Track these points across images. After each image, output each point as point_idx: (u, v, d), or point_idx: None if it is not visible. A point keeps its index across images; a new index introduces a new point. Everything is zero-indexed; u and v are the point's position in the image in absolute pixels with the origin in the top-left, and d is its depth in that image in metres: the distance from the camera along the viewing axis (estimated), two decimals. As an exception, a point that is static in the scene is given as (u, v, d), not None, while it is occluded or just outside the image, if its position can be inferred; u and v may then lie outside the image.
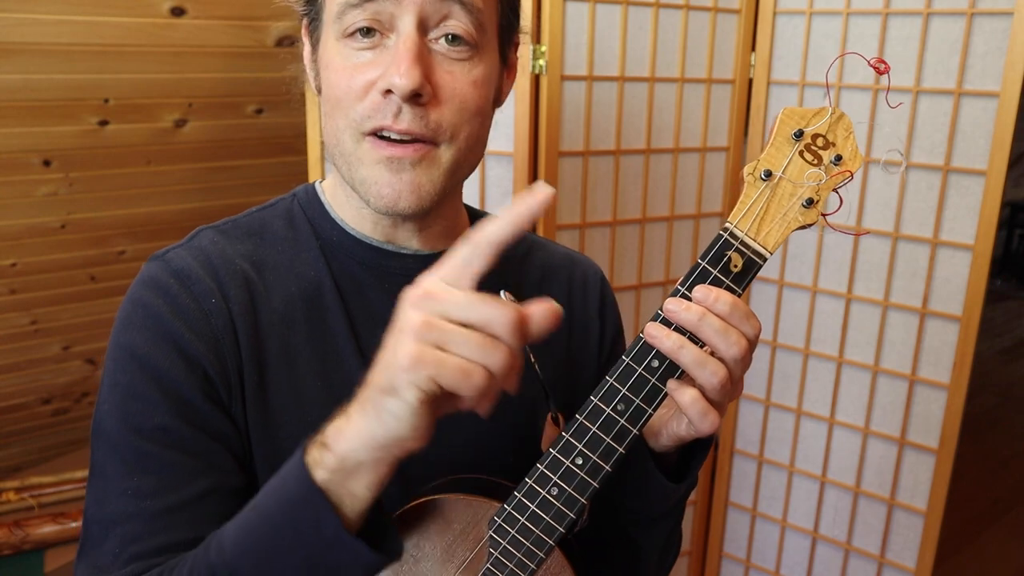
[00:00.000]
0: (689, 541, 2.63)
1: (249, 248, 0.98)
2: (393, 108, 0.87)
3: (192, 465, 0.87)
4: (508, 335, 0.65)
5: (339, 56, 0.89)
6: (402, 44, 0.86)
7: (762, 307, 2.41)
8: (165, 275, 0.92)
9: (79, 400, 3.33)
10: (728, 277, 0.84)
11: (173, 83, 2.70)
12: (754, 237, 0.84)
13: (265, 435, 0.92)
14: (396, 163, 0.89)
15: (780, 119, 0.85)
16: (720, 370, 0.82)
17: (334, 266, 0.99)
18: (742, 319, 0.83)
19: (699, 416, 0.83)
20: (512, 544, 0.86)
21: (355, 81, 0.88)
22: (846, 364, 2.30)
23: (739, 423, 2.54)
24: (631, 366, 0.84)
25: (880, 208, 2.16)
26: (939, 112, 2.03)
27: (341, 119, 0.90)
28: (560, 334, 1.10)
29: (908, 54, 2.04)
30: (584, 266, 1.18)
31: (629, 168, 2.17)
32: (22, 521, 3.03)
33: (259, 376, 0.92)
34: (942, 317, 2.12)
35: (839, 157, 0.84)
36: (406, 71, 0.84)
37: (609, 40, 2.05)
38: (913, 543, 2.28)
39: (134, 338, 0.89)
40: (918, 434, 2.21)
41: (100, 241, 2.95)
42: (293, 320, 0.95)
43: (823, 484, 2.40)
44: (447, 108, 0.89)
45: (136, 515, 0.86)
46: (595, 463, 0.84)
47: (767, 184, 0.84)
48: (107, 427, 0.89)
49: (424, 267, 1.00)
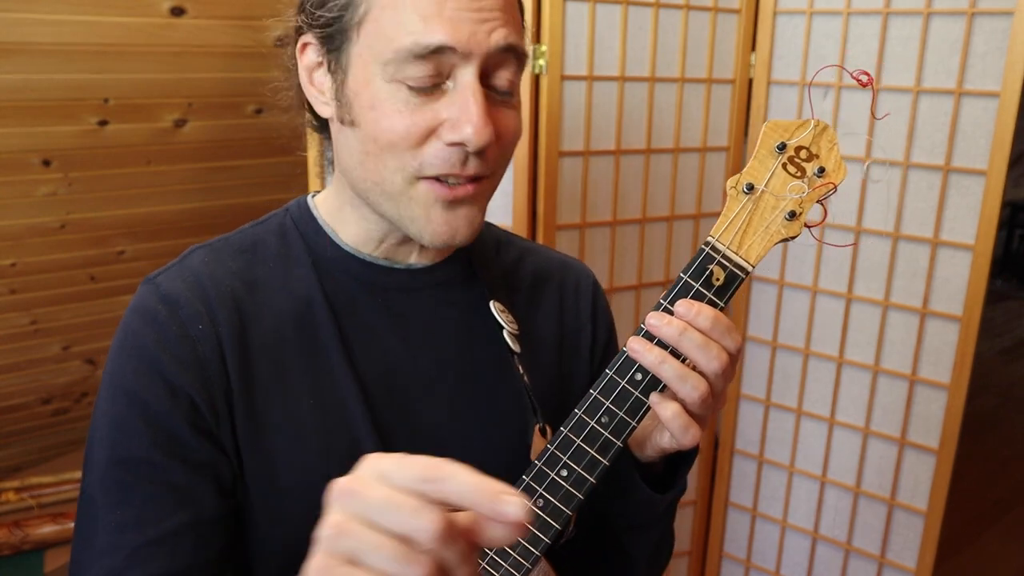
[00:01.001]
0: (689, 541, 2.63)
1: (241, 266, 0.98)
2: (459, 157, 0.87)
3: (173, 499, 0.88)
4: (436, 546, 0.50)
5: (391, 98, 0.86)
6: (472, 98, 0.85)
7: (762, 307, 2.41)
8: (154, 301, 0.92)
9: (79, 400, 3.33)
10: (710, 291, 0.85)
11: (173, 83, 2.70)
12: (736, 250, 0.85)
13: (258, 456, 0.93)
14: (455, 204, 0.90)
15: (764, 132, 0.86)
16: (701, 384, 0.83)
17: (326, 282, 0.99)
18: (723, 333, 0.83)
19: (680, 430, 0.84)
20: (499, 555, 0.87)
21: (415, 128, 0.86)
22: (846, 364, 2.30)
23: (739, 423, 2.54)
24: (614, 379, 0.85)
25: (880, 208, 2.16)
26: (939, 112, 2.03)
27: (391, 161, 0.89)
28: (551, 341, 1.12)
29: (908, 54, 2.04)
30: (576, 271, 1.18)
31: (629, 168, 2.17)
32: (22, 521, 3.03)
33: (249, 398, 0.92)
34: (942, 317, 2.12)
35: (822, 169, 0.84)
36: (480, 129, 0.84)
37: (609, 40, 2.05)
38: (913, 543, 2.28)
39: (123, 367, 0.91)
40: (918, 434, 2.21)
41: (100, 241, 2.94)
42: (284, 339, 0.95)
43: (823, 484, 2.40)
44: (501, 148, 0.91)
45: (117, 549, 0.87)
46: (580, 475, 0.85)
47: (749, 197, 0.85)
48: (95, 456, 0.91)
49: (418, 280, 1.02)
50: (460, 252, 1.07)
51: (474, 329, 1.05)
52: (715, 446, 2.59)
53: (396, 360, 0.99)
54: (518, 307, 1.09)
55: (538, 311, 1.12)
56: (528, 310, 1.10)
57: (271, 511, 0.93)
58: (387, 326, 1.00)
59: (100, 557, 0.87)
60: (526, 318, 1.09)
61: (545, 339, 1.11)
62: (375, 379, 0.97)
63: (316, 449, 0.93)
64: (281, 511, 0.93)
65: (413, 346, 1.00)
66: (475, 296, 1.06)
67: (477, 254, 1.08)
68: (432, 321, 1.02)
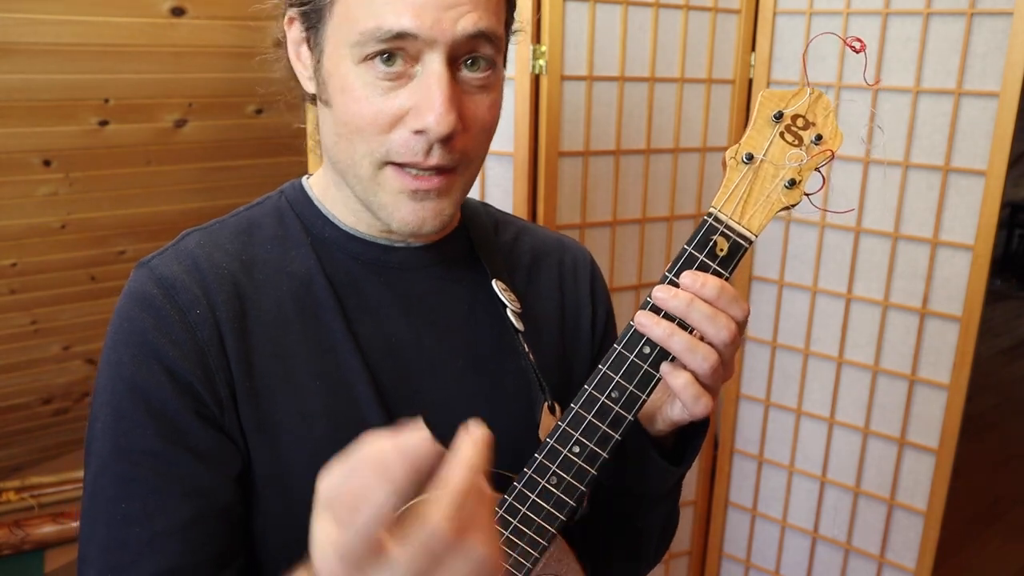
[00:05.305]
0: (689, 541, 2.63)
1: (238, 247, 0.96)
2: (423, 146, 0.86)
3: (179, 489, 0.87)
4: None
5: (359, 82, 0.86)
6: (435, 84, 0.83)
7: (762, 307, 2.41)
8: (150, 285, 0.91)
9: (79, 400, 3.34)
10: (715, 262, 0.85)
11: (173, 83, 2.71)
12: (738, 220, 0.85)
13: (263, 439, 0.91)
14: (421, 194, 0.89)
15: (760, 101, 0.85)
16: (711, 355, 0.83)
17: (325, 262, 0.98)
18: (730, 302, 0.83)
19: (692, 400, 0.84)
20: (514, 534, 0.87)
21: (381, 115, 0.85)
22: (846, 364, 2.30)
23: (739, 423, 2.54)
24: (623, 353, 0.85)
25: (880, 208, 2.16)
26: (939, 112, 2.03)
27: (360, 146, 0.88)
28: (552, 320, 1.11)
29: (908, 54, 2.04)
30: (574, 250, 1.18)
31: (629, 168, 2.18)
32: (22, 521, 3.03)
33: (250, 381, 0.91)
34: (942, 317, 2.12)
35: (819, 137, 0.85)
36: (442, 116, 0.83)
37: (609, 40, 2.05)
38: (913, 543, 2.28)
39: (121, 355, 0.89)
40: (918, 434, 2.22)
41: (100, 241, 2.95)
42: (286, 321, 0.94)
43: (823, 484, 2.41)
44: (471, 137, 0.89)
45: (124, 543, 0.86)
46: (592, 451, 0.86)
47: (749, 167, 0.85)
48: (98, 448, 0.89)
49: (421, 258, 1.01)
50: (460, 231, 1.06)
51: (478, 307, 1.04)
52: (715, 446, 2.59)
53: (401, 339, 0.98)
54: (518, 286, 1.09)
55: (538, 290, 1.11)
56: (528, 289, 1.10)
57: (279, 497, 0.92)
58: (391, 305, 0.99)
59: (107, 552, 0.86)
60: (527, 296, 1.09)
61: (546, 317, 1.11)
62: (380, 359, 0.96)
63: (323, 432, 0.92)
64: (290, 496, 0.92)
65: (418, 325, 0.99)
66: (478, 275, 1.05)
67: (477, 233, 1.08)
68: (437, 299, 1.02)
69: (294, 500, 0.92)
